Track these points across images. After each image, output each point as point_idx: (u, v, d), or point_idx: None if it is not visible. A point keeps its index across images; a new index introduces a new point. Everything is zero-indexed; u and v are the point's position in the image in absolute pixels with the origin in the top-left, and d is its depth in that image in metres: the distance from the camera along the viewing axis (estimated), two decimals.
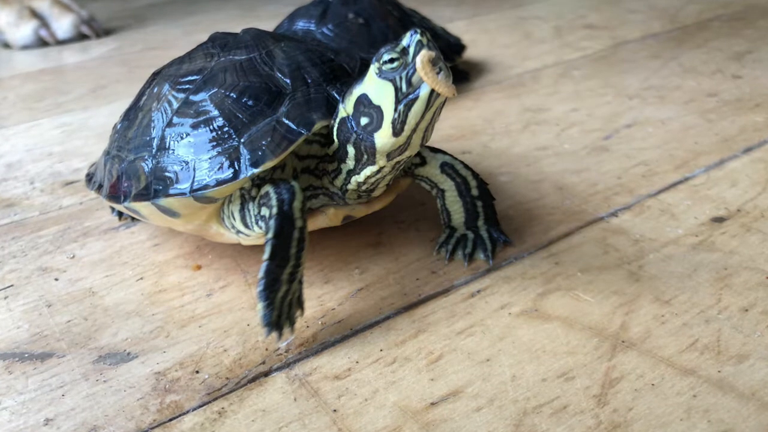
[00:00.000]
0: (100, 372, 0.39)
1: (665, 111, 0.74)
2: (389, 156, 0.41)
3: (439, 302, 0.44)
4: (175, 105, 0.43)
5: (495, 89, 0.84)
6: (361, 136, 0.40)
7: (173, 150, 0.42)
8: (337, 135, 0.42)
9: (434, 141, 0.56)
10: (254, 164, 0.39)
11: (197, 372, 0.38)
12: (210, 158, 0.41)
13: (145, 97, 0.47)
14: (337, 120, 0.41)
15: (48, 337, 0.42)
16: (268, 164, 0.39)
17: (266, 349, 0.40)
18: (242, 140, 0.40)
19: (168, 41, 1.21)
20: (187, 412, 0.36)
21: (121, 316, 0.44)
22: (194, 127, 0.42)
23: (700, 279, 0.45)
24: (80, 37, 1.22)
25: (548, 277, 0.46)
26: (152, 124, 0.44)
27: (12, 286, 0.47)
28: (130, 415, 0.36)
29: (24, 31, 1.17)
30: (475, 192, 0.48)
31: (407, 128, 0.39)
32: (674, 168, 0.60)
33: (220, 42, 0.47)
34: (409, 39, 0.37)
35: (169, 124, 0.43)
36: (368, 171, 0.42)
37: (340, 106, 0.41)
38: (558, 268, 0.46)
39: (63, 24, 1.20)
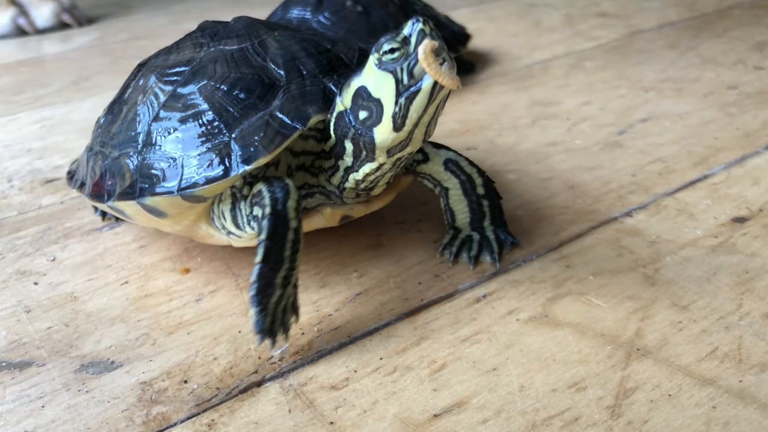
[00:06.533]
0: (82, 382, 0.39)
1: (683, 104, 0.74)
2: (389, 152, 0.41)
3: (442, 308, 0.44)
4: (162, 98, 0.43)
5: (502, 81, 0.84)
6: (359, 131, 0.40)
7: (160, 146, 0.42)
8: (334, 130, 0.42)
9: (437, 136, 0.56)
10: (246, 161, 0.39)
11: (185, 382, 0.38)
12: (199, 155, 0.41)
13: (130, 90, 0.47)
14: (335, 114, 0.41)
15: (27, 345, 0.42)
16: (261, 161, 0.39)
17: (259, 358, 0.40)
18: (233, 135, 0.40)
19: (154, 30, 1.21)
20: (175, 424, 0.36)
21: (104, 322, 0.44)
22: (182, 121, 0.42)
23: (719, 283, 0.45)
24: (61, 25, 1.22)
25: (559, 280, 0.46)
26: (138, 119, 0.44)
27: None
28: (114, 428, 0.36)
29: (1, 19, 1.17)
30: (480, 190, 0.48)
31: (409, 123, 0.39)
32: (692, 165, 0.60)
33: (210, 31, 0.47)
34: (411, 28, 0.37)
35: (156, 118, 0.43)
36: (367, 168, 0.42)
37: (338, 99, 0.41)
38: (569, 272, 0.46)
39: (43, 12, 1.20)
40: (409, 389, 0.37)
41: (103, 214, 0.55)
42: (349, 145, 0.41)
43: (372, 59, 0.38)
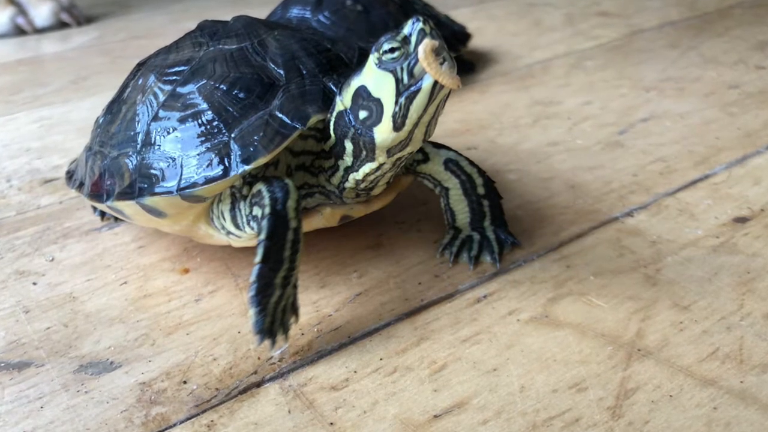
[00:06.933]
0: (81, 382, 0.39)
1: (684, 104, 0.74)
2: (389, 152, 0.41)
3: (442, 308, 0.44)
4: (162, 98, 0.43)
5: (502, 81, 0.84)
6: (359, 131, 0.40)
7: (159, 146, 0.42)
8: (334, 130, 0.42)
9: (437, 136, 0.56)
10: (245, 161, 0.39)
11: (185, 382, 0.38)
12: (198, 154, 0.41)
13: (129, 90, 0.47)
14: (334, 114, 0.41)
15: (26, 346, 0.42)
16: (261, 161, 0.39)
17: (258, 358, 0.40)
18: (233, 135, 0.40)
19: (154, 29, 1.21)
20: (174, 425, 0.36)
21: (103, 322, 0.44)
22: (181, 121, 0.42)
23: (721, 283, 0.45)
24: (60, 25, 1.22)
25: (559, 281, 0.46)
26: (137, 118, 0.44)
27: None
28: (113, 429, 0.36)
29: (0, 18, 1.17)
30: (481, 190, 0.48)
31: (409, 122, 0.39)
32: (694, 165, 0.60)
33: (210, 30, 0.47)
34: (411, 27, 0.37)
35: (155, 118, 0.43)
36: (367, 168, 0.42)
37: (338, 99, 0.41)
38: (570, 272, 0.46)
39: (41, 11, 1.20)
40: (410, 390, 0.37)
41: (102, 214, 0.55)
42: (348, 145, 0.41)
43: (372, 59, 0.38)
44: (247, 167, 0.39)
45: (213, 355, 0.40)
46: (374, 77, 0.38)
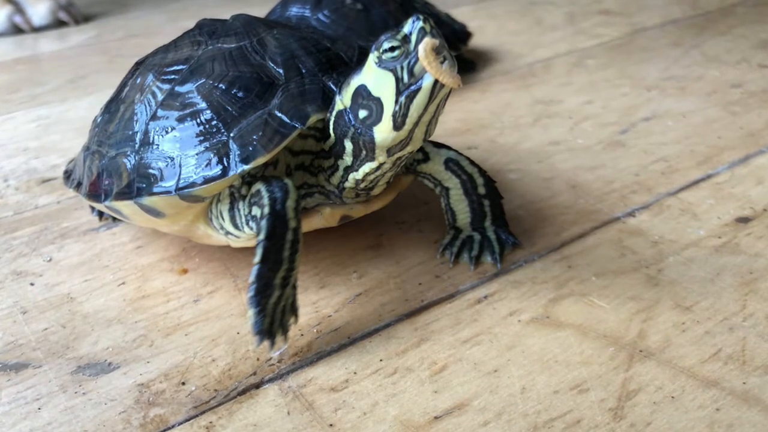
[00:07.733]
0: (78, 384, 0.39)
1: (686, 103, 0.74)
2: (389, 151, 0.41)
3: (443, 309, 0.44)
4: (160, 97, 0.43)
5: (503, 80, 0.84)
6: (359, 130, 0.40)
7: (158, 145, 0.42)
8: (333, 129, 0.42)
9: (438, 135, 0.56)
10: (244, 160, 0.39)
11: (183, 384, 0.38)
12: (197, 154, 0.41)
13: (127, 89, 0.47)
14: (334, 113, 0.41)
15: (23, 347, 0.42)
16: (260, 160, 0.39)
17: (257, 359, 0.40)
18: (232, 134, 0.40)
19: (152, 28, 1.21)
20: (173, 426, 0.36)
21: (101, 323, 0.44)
22: (180, 120, 0.42)
23: (723, 284, 0.45)
24: (58, 23, 1.22)
25: (560, 281, 0.46)
26: (135, 118, 0.44)
27: None
28: (111, 430, 0.36)
29: None
30: (481, 190, 0.48)
31: (409, 122, 0.39)
32: (696, 164, 0.60)
33: (208, 29, 0.47)
34: (411, 26, 0.37)
35: (153, 117, 0.43)
36: (367, 168, 0.42)
37: (337, 98, 0.41)
38: (571, 272, 0.46)
39: (39, 10, 1.20)
40: (410, 391, 0.37)
41: (100, 214, 0.55)
42: (348, 145, 0.41)
43: (372, 57, 0.38)
44: (246, 167, 0.39)
45: (212, 356, 0.40)
46: (374, 76, 0.38)
